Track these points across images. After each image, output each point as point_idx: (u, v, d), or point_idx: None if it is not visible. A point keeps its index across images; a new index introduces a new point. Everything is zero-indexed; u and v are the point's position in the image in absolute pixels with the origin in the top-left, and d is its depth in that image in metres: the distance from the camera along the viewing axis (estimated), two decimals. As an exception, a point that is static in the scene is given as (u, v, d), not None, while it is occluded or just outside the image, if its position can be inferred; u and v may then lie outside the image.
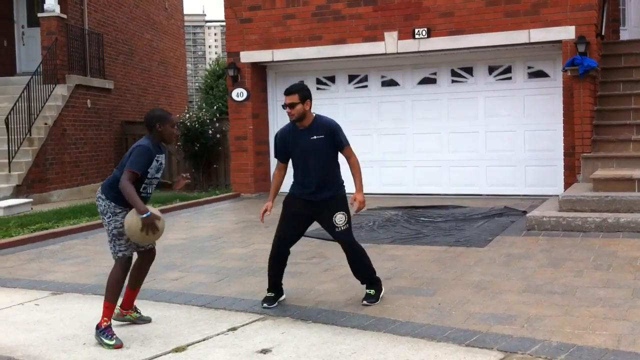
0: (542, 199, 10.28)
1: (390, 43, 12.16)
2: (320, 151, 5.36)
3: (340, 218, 5.37)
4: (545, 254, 7.02)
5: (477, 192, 12.10)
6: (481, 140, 12.19)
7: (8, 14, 16.35)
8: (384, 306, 5.39)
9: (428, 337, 4.67)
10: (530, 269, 6.44)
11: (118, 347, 4.73)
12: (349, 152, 5.44)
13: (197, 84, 62.25)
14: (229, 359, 4.47)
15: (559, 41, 11.07)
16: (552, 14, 11.06)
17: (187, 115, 16.03)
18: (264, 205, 5.58)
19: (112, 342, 4.75)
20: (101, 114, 16.18)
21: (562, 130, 11.09)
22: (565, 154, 11.02)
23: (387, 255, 7.32)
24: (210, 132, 15.68)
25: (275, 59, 13.17)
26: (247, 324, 5.17)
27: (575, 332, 4.61)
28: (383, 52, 12.27)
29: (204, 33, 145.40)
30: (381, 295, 5.52)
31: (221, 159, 16.01)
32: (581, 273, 6.17)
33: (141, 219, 4.76)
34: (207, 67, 23.07)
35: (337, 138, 5.39)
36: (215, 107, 17.16)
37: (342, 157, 5.44)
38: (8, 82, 15.40)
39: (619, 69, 11.54)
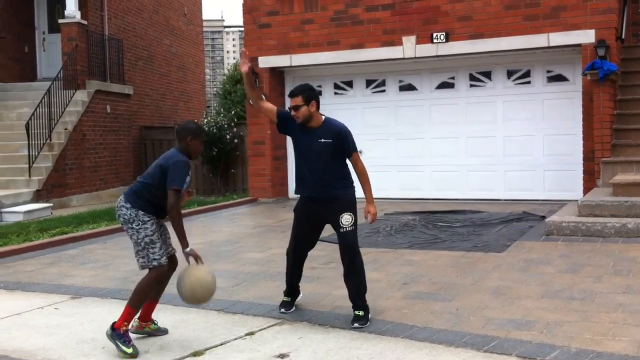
0: (561, 204, 10.21)
1: (408, 47, 12.15)
2: (325, 155, 5.19)
3: (346, 218, 5.19)
4: (564, 260, 6.97)
5: (495, 197, 12.04)
6: (499, 144, 12.13)
7: (29, 20, 16.55)
8: (402, 311, 5.38)
9: (446, 343, 4.65)
10: (549, 274, 6.40)
11: (134, 357, 4.63)
12: (356, 160, 5.26)
13: (215, 89, 62.57)
14: (247, 363, 4.48)
15: (579, 45, 10.99)
16: (571, 17, 10.99)
17: (205, 120, 16.12)
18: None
19: (130, 350, 4.65)
20: (120, 119, 16.32)
21: (582, 135, 11.00)
22: (585, 159, 10.93)
23: (405, 260, 7.31)
24: (228, 137, 15.75)
25: (293, 64, 13.20)
26: (264, 328, 5.18)
27: (594, 338, 4.57)
28: (401, 56, 12.26)
29: (222, 38, 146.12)
30: (370, 316, 5.18)
31: (239, 164, 16.08)
32: (600, 279, 6.12)
33: (185, 252, 4.77)
34: (226, 72, 23.14)
35: (345, 144, 5.21)
36: (233, 112, 17.22)
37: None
38: (29, 88, 15.59)
39: (639, 73, 11.43)
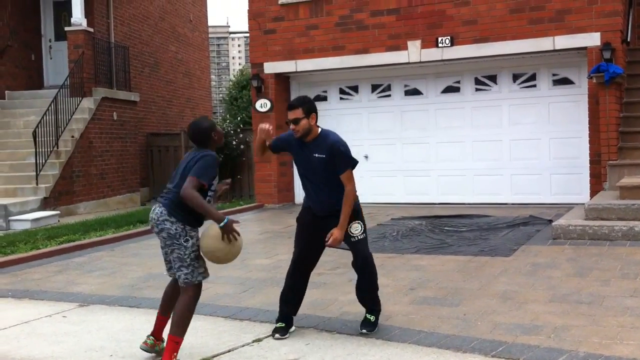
0: (567, 207, 10.19)
1: (414, 52, 12.16)
2: (320, 171, 4.98)
3: (355, 227, 5.03)
4: (571, 263, 6.95)
5: (502, 200, 12.01)
6: (505, 148, 12.12)
7: (36, 28, 16.63)
8: (409, 317, 5.37)
9: (454, 348, 4.65)
10: (556, 278, 6.38)
11: None
12: (346, 179, 4.93)
13: (221, 95, 62.71)
14: (254, 370, 4.49)
15: (584, 48, 10.98)
16: (576, 20, 10.98)
17: (211, 126, 16.11)
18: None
19: None
20: (127, 126, 16.37)
21: (588, 138, 10.99)
22: (591, 162, 10.91)
23: (412, 265, 7.30)
24: (234, 143, 15.79)
25: (298, 69, 13.23)
26: (271, 335, 5.18)
27: (602, 342, 4.56)
28: (406, 61, 12.27)
29: (227, 44, 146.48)
30: (379, 322, 5.11)
31: (245, 170, 16.12)
32: (608, 282, 6.11)
33: (221, 227, 4.44)
34: (232, 77, 23.23)
35: (336, 160, 4.92)
36: (239, 118, 17.26)
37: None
38: (36, 96, 15.67)
39: (645, 76, 11.40)
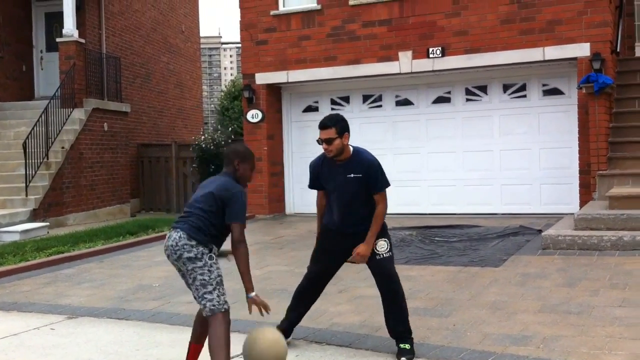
0: (557, 217, 10.22)
1: (405, 63, 12.21)
2: (357, 191, 4.82)
3: (381, 245, 4.83)
4: (560, 273, 6.97)
5: (493, 211, 12.04)
6: (496, 158, 12.15)
7: (27, 39, 16.61)
8: (398, 328, 5.36)
9: (443, 359, 4.64)
10: (545, 288, 6.39)
11: None
12: (381, 198, 4.84)
13: (212, 106, 62.75)
14: (243, 382, 4.45)
15: (574, 58, 11.06)
16: (567, 31, 11.06)
17: (202, 137, 16.14)
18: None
19: None
20: (117, 136, 16.34)
21: (578, 148, 11.04)
22: (581, 172, 10.96)
23: (402, 276, 7.17)
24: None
25: (290, 80, 13.25)
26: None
27: (591, 352, 4.56)
28: (397, 71, 12.32)
29: (219, 55, 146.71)
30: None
31: (236, 181, 16.07)
32: (597, 292, 6.12)
33: (250, 298, 4.23)
34: (223, 88, 23.27)
35: (372, 181, 4.81)
36: (230, 129, 17.26)
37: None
38: (26, 107, 15.62)
39: (634, 86, 11.46)
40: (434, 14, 11.97)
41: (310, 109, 13.79)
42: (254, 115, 13.47)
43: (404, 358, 4.67)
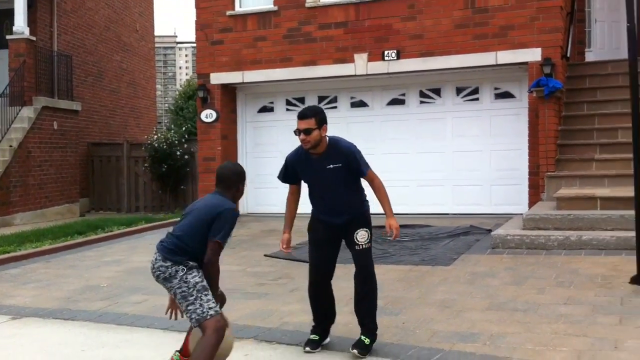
0: (507, 217, 10.38)
1: (360, 65, 12.26)
2: (338, 181, 4.80)
3: (362, 235, 4.83)
4: (509, 272, 7.07)
5: (445, 211, 12.17)
6: (449, 160, 12.29)
7: (-25, 36, 16.20)
8: (349, 326, 5.36)
9: (392, 356, 4.68)
10: (494, 287, 6.48)
11: None
12: (372, 177, 4.86)
13: (167, 105, 62.11)
14: (190, 381, 4.40)
15: (525, 63, 11.24)
16: (519, 36, 11.23)
17: (155, 136, 15.96)
18: (282, 238, 5.01)
19: None
20: (68, 135, 16.04)
21: (528, 150, 11.22)
22: (530, 173, 11.15)
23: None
24: (178, 153, 15.62)
25: (245, 80, 13.19)
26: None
27: (536, 348, 4.64)
28: (353, 73, 12.37)
29: (174, 54, 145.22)
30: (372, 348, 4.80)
31: (189, 180, 15.97)
32: (543, 290, 6.23)
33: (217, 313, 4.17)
34: (178, 87, 23.08)
35: (356, 165, 4.80)
36: (184, 128, 17.10)
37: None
38: (-26, 104, 15.21)
39: (583, 90, 11.73)
40: (390, 17, 12.06)
41: (266, 109, 13.75)
42: (208, 115, 13.35)
43: (355, 350, 4.67)
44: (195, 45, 14.13)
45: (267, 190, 12.88)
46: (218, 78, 13.31)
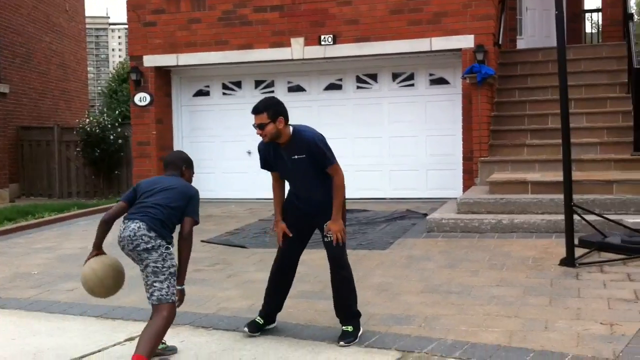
0: (442, 201, 10.55)
1: (297, 49, 12.21)
2: (304, 171, 4.76)
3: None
4: (443, 255, 7.21)
5: (382, 195, 12.31)
6: (385, 145, 12.41)
7: None
8: (287, 311, 5.36)
9: (329, 340, 4.71)
10: (429, 270, 6.60)
11: None
12: (334, 171, 4.77)
13: (99, 88, 60.62)
14: (125, 369, 4.34)
15: (459, 49, 11.41)
16: (452, 23, 11.39)
17: (87, 120, 15.55)
18: (277, 229, 4.95)
19: None
20: (-5, 119, 15.46)
21: (462, 136, 11.42)
22: (464, 158, 11.37)
23: (291, 260, 7.30)
24: (112, 137, 15.27)
25: (180, 64, 12.96)
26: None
27: (469, 330, 4.75)
28: (289, 57, 12.30)
29: (107, 36, 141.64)
30: (360, 334, 4.71)
31: (123, 165, 15.63)
32: (477, 273, 6.38)
33: (179, 289, 4.30)
34: (112, 70, 22.51)
35: (319, 157, 4.72)
36: (117, 112, 16.73)
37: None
38: None
39: (515, 77, 12.02)
40: (325, 2, 12.02)
41: (201, 93, 13.56)
42: (141, 99, 13.08)
43: (342, 342, 4.63)
44: (128, 27, 13.79)
45: (203, 175, 12.71)
46: (151, 60, 13.03)
